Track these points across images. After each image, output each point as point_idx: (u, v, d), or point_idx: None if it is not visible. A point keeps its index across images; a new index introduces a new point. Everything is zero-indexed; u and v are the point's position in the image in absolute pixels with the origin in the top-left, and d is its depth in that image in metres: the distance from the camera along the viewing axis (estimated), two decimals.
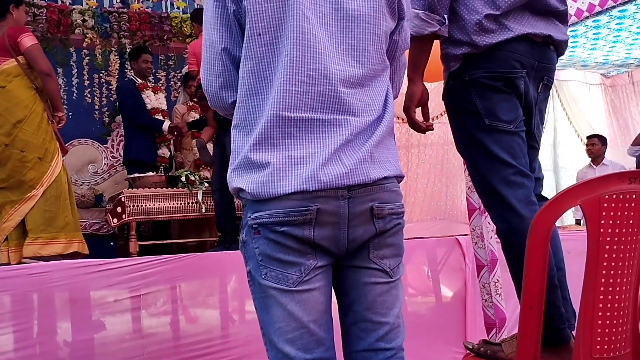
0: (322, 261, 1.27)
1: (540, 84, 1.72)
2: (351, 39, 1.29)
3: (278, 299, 1.25)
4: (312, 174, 1.21)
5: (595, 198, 1.37)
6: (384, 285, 1.31)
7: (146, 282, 2.68)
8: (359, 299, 1.31)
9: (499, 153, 1.62)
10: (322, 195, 1.22)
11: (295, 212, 1.22)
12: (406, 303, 3.55)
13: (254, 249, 1.27)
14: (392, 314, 1.32)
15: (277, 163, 1.23)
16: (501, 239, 1.65)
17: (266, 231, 1.24)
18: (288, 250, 1.24)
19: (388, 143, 1.34)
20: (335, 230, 1.25)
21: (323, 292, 1.27)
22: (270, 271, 1.25)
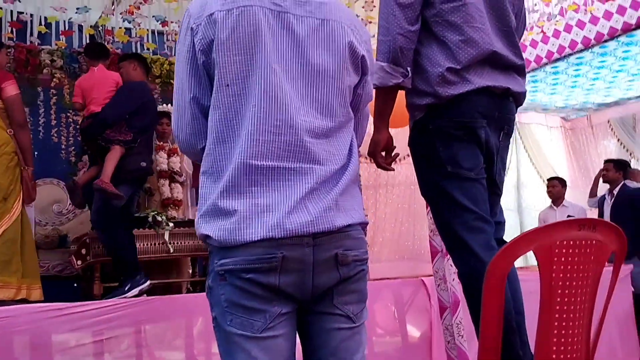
0: (287, 308, 1.29)
1: (501, 133, 1.81)
2: (316, 92, 1.35)
3: (243, 345, 1.26)
4: (278, 222, 1.25)
5: (547, 245, 1.44)
6: (347, 330, 1.34)
7: (110, 325, 2.64)
8: (322, 344, 1.34)
9: (460, 199, 1.68)
10: (287, 242, 1.25)
11: (261, 260, 1.25)
12: (373, 344, 3.56)
13: (219, 295, 1.29)
14: (356, 359, 1.35)
15: (244, 211, 1.26)
16: (462, 282, 1.70)
17: (232, 278, 1.27)
18: (253, 297, 1.26)
19: (353, 191, 1.38)
20: (300, 277, 1.28)
21: (287, 339, 1.30)
22: (236, 318, 1.27)
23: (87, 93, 3.83)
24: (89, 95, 3.81)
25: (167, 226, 4.06)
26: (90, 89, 3.82)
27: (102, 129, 3.65)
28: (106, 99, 3.77)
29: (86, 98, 3.83)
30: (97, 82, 3.84)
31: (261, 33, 1.30)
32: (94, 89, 3.81)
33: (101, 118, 3.68)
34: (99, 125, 3.67)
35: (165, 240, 4.03)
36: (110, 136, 3.63)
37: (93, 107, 3.76)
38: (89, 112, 3.79)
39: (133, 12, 4.95)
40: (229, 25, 1.29)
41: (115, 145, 3.63)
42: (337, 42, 1.37)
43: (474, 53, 1.68)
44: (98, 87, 3.81)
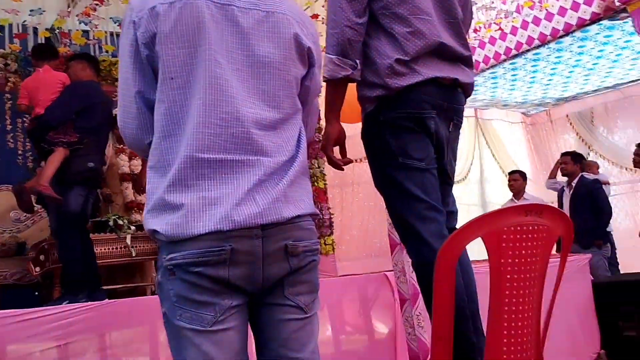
0: (237, 300, 1.29)
1: (450, 123, 1.83)
2: (263, 84, 1.35)
3: (193, 339, 1.25)
4: (226, 214, 1.24)
5: (495, 231, 1.46)
6: (298, 321, 1.34)
7: (70, 330, 2.59)
8: (274, 336, 1.34)
9: (412, 189, 1.70)
10: (236, 235, 1.25)
11: (209, 252, 1.24)
12: (340, 342, 3.57)
13: (168, 290, 1.28)
14: (307, 350, 1.35)
15: (192, 204, 1.25)
16: (416, 271, 1.72)
17: (181, 272, 1.26)
18: (203, 291, 1.25)
19: (302, 182, 1.39)
20: (250, 269, 1.28)
21: (238, 331, 1.29)
22: (185, 312, 1.26)
23: (33, 94, 3.73)
24: (34, 96, 3.72)
25: (128, 230, 4.02)
26: (36, 90, 3.72)
27: (45, 131, 3.54)
28: (52, 100, 3.66)
29: (32, 100, 3.74)
30: (43, 83, 3.73)
31: (204, 25, 1.29)
32: (40, 90, 3.70)
33: (44, 120, 3.58)
34: (43, 128, 3.56)
35: (127, 244, 3.98)
36: (53, 138, 3.51)
37: (38, 109, 3.66)
38: (34, 114, 3.70)
39: (89, 13, 4.87)
40: (172, 18, 1.29)
41: (59, 147, 3.50)
42: (283, 34, 1.37)
43: (422, 44, 1.71)
44: (44, 89, 3.70)
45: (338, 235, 6.75)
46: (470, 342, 1.59)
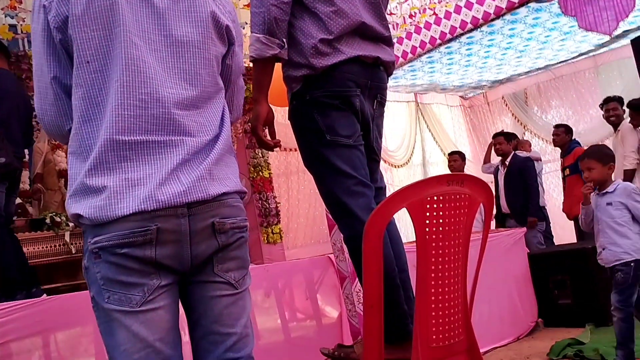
0: (166, 279, 1.29)
1: (375, 101, 1.88)
2: (182, 63, 1.36)
3: (122, 321, 1.26)
4: (150, 194, 1.25)
5: (419, 200, 1.52)
6: (229, 297, 1.36)
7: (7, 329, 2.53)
8: (205, 312, 1.35)
9: (340, 166, 1.75)
10: (161, 214, 1.25)
11: (135, 233, 1.24)
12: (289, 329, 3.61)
13: (95, 273, 1.28)
14: (240, 325, 1.37)
15: (114, 186, 1.25)
16: (347, 246, 1.77)
17: (107, 254, 1.25)
18: (130, 272, 1.25)
19: (227, 160, 1.40)
20: (177, 248, 1.29)
21: (168, 310, 1.30)
22: (113, 294, 1.26)
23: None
24: None
25: (66, 226, 3.93)
26: None
27: None
28: None
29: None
30: None
31: (118, 7, 1.29)
32: None
33: None
34: None
35: (66, 241, 3.89)
36: None
37: None
38: None
39: (15, 6, 4.70)
40: (83, 1, 1.27)
41: None
42: (199, 13, 1.38)
43: (345, 24, 1.74)
44: None
45: (285, 223, 6.79)
46: (401, 309, 1.65)
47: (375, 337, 1.52)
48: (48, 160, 4.51)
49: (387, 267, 1.58)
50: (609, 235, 2.97)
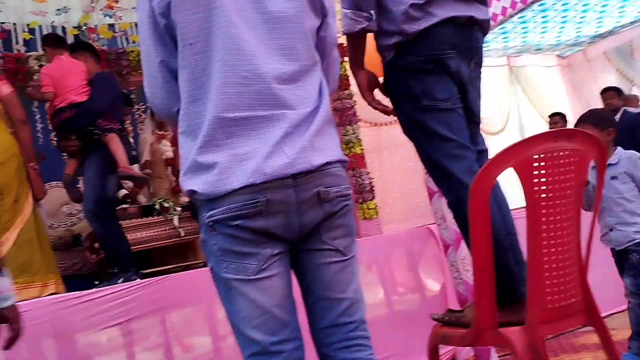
0: (278, 248, 1.35)
1: (471, 62, 1.82)
2: (279, 39, 1.38)
3: (240, 289, 1.33)
4: (257, 167, 1.30)
5: (525, 160, 1.47)
6: (338, 263, 1.40)
7: (129, 308, 2.71)
8: (316, 279, 1.40)
9: (439, 130, 1.72)
10: (269, 186, 1.30)
11: (246, 206, 1.30)
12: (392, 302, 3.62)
13: (212, 245, 1.35)
14: (350, 290, 1.41)
15: (224, 162, 1.31)
16: (451, 210, 1.75)
17: (222, 227, 1.32)
18: (244, 242, 1.32)
19: (328, 131, 1.43)
20: (286, 218, 1.33)
21: (282, 278, 1.36)
22: (230, 264, 1.33)
23: (59, 82, 3.64)
24: (61, 84, 3.63)
25: (175, 211, 4.13)
26: (62, 77, 3.64)
27: (93, 119, 3.58)
28: (82, 87, 3.65)
29: (58, 87, 3.64)
30: (68, 70, 3.68)
31: None
32: (67, 77, 3.64)
33: (92, 107, 3.61)
34: (91, 115, 3.59)
35: (175, 225, 4.10)
36: (104, 125, 3.58)
37: (73, 96, 3.61)
38: (66, 102, 3.61)
39: (112, 6, 4.97)
40: None
41: (112, 133, 3.59)
42: None
43: None
44: (71, 76, 3.65)
45: (380, 199, 6.76)
46: (512, 271, 1.61)
47: (487, 300, 1.50)
48: (154, 150, 4.75)
49: (495, 229, 1.54)
50: (617, 214, 2.61)
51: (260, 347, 1.33)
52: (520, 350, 1.43)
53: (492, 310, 1.50)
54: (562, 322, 1.54)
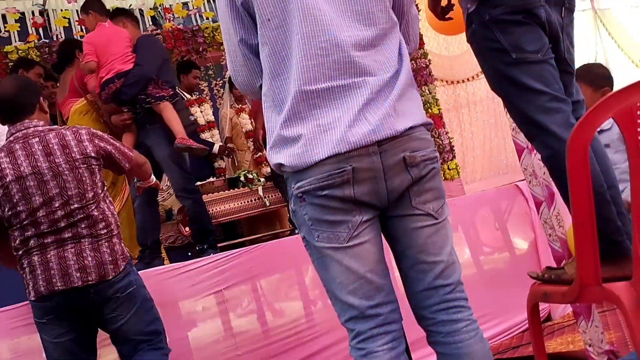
0: (367, 215, 1.36)
1: (562, 9, 1.74)
2: (355, 4, 1.38)
3: (334, 256, 1.36)
4: (341, 137, 1.31)
5: (627, 108, 1.39)
6: (431, 227, 1.40)
7: (225, 276, 2.84)
8: (410, 244, 1.40)
9: (531, 83, 1.66)
10: (354, 155, 1.32)
11: (333, 175, 1.32)
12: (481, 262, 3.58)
13: (302, 215, 1.39)
14: (445, 253, 1.41)
15: (308, 134, 1.34)
16: (547, 165, 1.69)
17: (310, 197, 1.35)
18: (334, 211, 1.34)
19: (410, 95, 1.42)
20: (373, 185, 1.34)
21: (374, 244, 1.38)
22: (322, 233, 1.36)
23: (103, 50, 3.40)
24: (105, 52, 3.39)
25: (259, 182, 4.24)
26: (106, 45, 3.40)
27: (144, 86, 3.35)
28: (127, 55, 3.40)
29: (102, 56, 3.41)
30: (111, 37, 3.43)
31: None
32: (111, 44, 3.40)
33: (142, 74, 3.36)
34: (143, 82, 3.35)
35: (260, 195, 4.21)
36: (155, 92, 3.35)
37: (118, 65, 3.37)
38: (113, 71, 3.38)
39: None
40: None
41: (165, 101, 3.36)
42: None
43: None
44: (115, 43, 3.41)
45: (461, 158, 6.63)
46: (615, 225, 1.55)
47: (589, 255, 1.45)
48: (235, 124, 4.86)
49: (595, 183, 1.48)
50: None
51: (358, 312, 1.36)
52: (628, 305, 1.39)
53: (595, 266, 1.46)
54: None
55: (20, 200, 2.06)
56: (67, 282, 2.04)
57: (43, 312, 2.10)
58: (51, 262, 2.04)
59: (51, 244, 2.06)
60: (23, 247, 2.09)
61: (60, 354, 2.11)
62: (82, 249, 2.07)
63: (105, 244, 2.11)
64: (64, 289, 2.04)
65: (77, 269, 2.04)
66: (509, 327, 3.37)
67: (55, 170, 2.08)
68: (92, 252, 2.08)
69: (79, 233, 2.08)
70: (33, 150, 2.08)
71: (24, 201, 2.06)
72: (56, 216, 2.06)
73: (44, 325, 2.12)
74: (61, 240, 2.07)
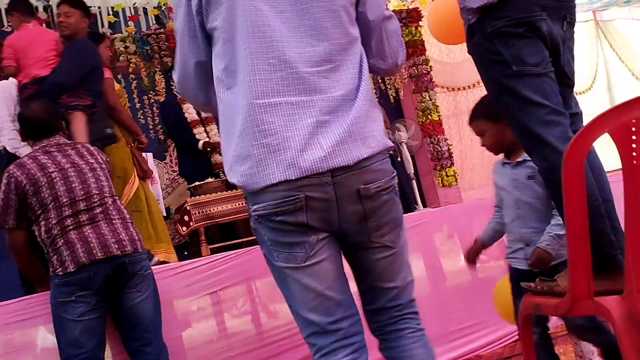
0: (323, 234, 1.37)
1: (564, 22, 1.76)
2: (307, 20, 1.36)
3: (293, 276, 1.38)
4: (292, 161, 1.30)
5: (623, 124, 1.41)
6: (388, 257, 1.44)
7: (221, 277, 2.86)
8: (368, 272, 1.45)
9: (531, 96, 1.67)
10: (307, 183, 1.31)
11: (285, 202, 1.32)
12: (476, 270, 3.57)
13: (262, 235, 1.40)
14: (400, 278, 1.46)
15: (258, 154, 1.32)
16: (543, 177, 1.71)
17: (266, 221, 1.36)
18: (290, 233, 1.35)
19: (369, 115, 1.39)
20: (326, 214, 1.35)
21: (331, 261, 1.39)
22: (280, 253, 1.38)
23: (23, 54, 3.25)
24: (25, 56, 3.24)
25: None
26: (26, 48, 3.24)
27: (58, 95, 3.13)
28: (48, 59, 3.24)
29: (21, 60, 3.26)
30: (36, 40, 3.26)
31: None
32: (32, 48, 3.23)
33: (55, 82, 3.16)
34: (55, 91, 3.13)
35: None
36: (68, 102, 3.15)
37: (35, 70, 3.20)
38: (29, 77, 3.21)
39: None
40: None
41: (77, 112, 3.16)
42: None
43: None
44: (38, 46, 3.24)
45: (459, 165, 6.65)
46: (609, 239, 1.57)
47: (582, 268, 1.47)
48: None
49: (590, 196, 1.50)
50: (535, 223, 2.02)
51: (319, 327, 1.38)
52: (619, 320, 1.40)
53: (588, 279, 1.47)
54: None
55: (62, 186, 2.37)
56: (106, 252, 2.33)
57: (74, 287, 2.28)
58: (90, 237, 2.34)
59: (87, 222, 2.36)
60: (59, 226, 2.34)
61: (82, 331, 2.27)
62: (116, 227, 2.41)
63: (131, 226, 2.48)
64: (104, 258, 2.31)
65: (114, 242, 2.36)
66: (503, 335, 3.39)
67: (91, 166, 2.48)
68: (124, 230, 2.43)
69: (111, 214, 2.43)
70: (68, 153, 2.49)
71: (65, 187, 2.38)
72: (92, 201, 2.40)
73: (69, 304, 2.28)
74: (96, 220, 2.39)
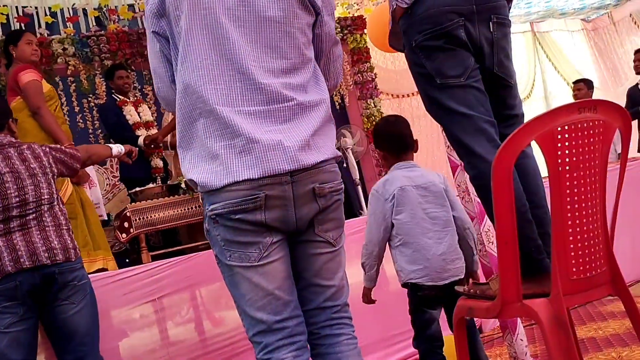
0: (277, 237, 1.43)
1: (490, 23, 1.75)
2: (264, 38, 1.44)
3: (244, 274, 1.41)
4: (255, 162, 1.37)
5: (549, 132, 1.46)
6: (328, 254, 1.50)
7: (161, 285, 2.79)
8: (307, 267, 1.50)
9: (455, 107, 1.72)
10: (268, 182, 1.38)
11: (245, 201, 1.37)
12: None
13: (216, 236, 1.43)
14: (337, 278, 1.52)
15: (224, 154, 1.37)
16: (473, 184, 1.75)
17: (223, 220, 1.40)
18: (246, 233, 1.39)
19: (326, 130, 1.50)
20: (283, 212, 1.41)
21: (282, 262, 1.45)
22: (233, 253, 1.41)
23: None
24: None
25: None
26: None
27: None
28: None
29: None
30: None
31: None
32: None
33: None
34: None
35: (201, 202, 4.15)
36: None
37: None
38: None
39: None
40: None
41: None
42: None
43: None
44: None
45: None
46: (536, 244, 1.62)
47: (511, 272, 1.51)
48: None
49: (517, 202, 1.54)
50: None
51: (266, 326, 1.42)
52: (545, 322, 1.45)
53: (516, 282, 1.52)
54: (587, 293, 1.55)
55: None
56: (34, 261, 2.20)
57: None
58: (18, 244, 2.21)
59: (17, 229, 2.23)
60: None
61: (9, 343, 2.17)
62: (48, 234, 2.28)
63: (66, 233, 2.35)
64: (32, 267, 2.19)
65: (44, 250, 2.23)
66: None
67: (31, 172, 2.33)
68: (57, 237, 2.30)
69: (45, 221, 2.30)
70: (9, 155, 2.33)
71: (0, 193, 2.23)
72: (27, 208, 2.26)
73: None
74: (27, 227, 2.25)
